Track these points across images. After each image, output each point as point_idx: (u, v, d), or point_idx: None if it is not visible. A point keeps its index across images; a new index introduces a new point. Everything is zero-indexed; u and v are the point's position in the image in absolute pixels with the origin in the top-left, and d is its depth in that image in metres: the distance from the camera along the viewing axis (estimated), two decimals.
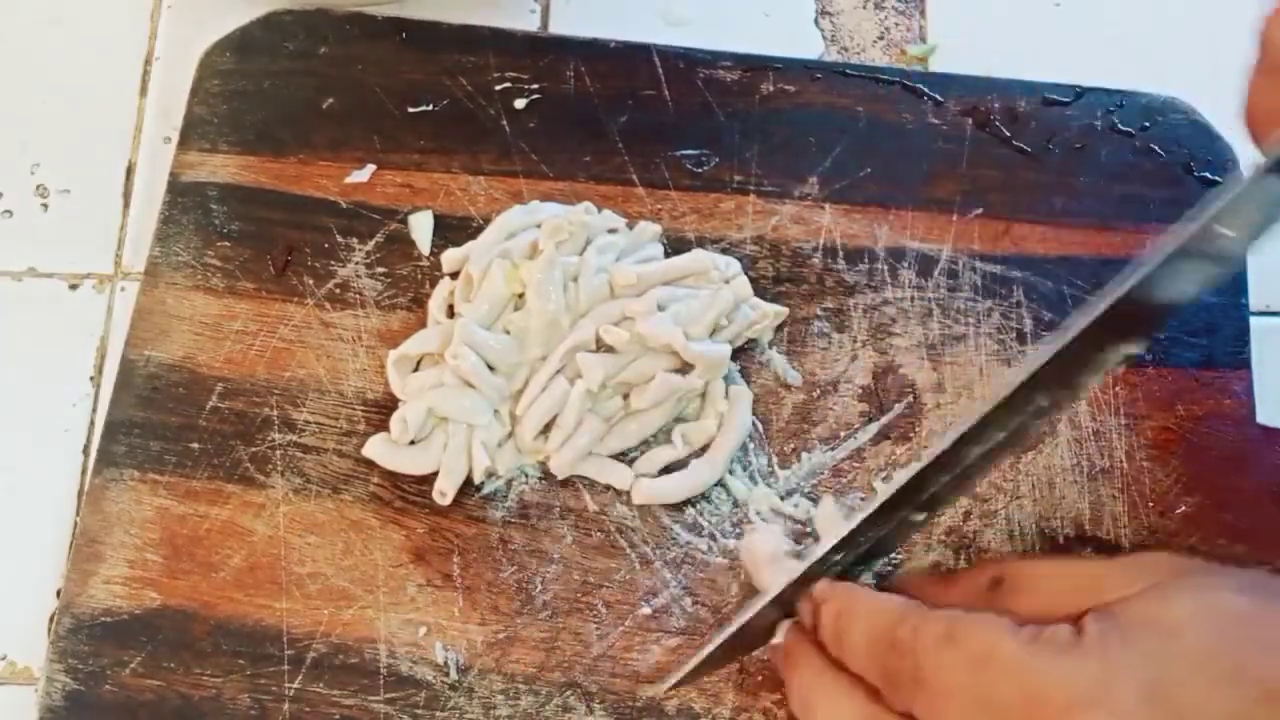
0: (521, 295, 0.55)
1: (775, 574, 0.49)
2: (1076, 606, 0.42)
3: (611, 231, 0.57)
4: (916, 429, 0.55)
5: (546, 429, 0.54)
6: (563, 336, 0.54)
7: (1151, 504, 0.54)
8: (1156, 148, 0.60)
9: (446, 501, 0.53)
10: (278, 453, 0.55)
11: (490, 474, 0.54)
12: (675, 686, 0.49)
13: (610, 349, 0.54)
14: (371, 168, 0.60)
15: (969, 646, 0.41)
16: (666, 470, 0.54)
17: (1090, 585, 0.42)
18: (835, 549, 0.46)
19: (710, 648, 0.47)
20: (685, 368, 0.54)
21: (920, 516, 0.48)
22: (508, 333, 0.55)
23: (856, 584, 0.48)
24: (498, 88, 0.61)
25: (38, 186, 0.62)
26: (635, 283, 0.55)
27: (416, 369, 0.56)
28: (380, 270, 0.58)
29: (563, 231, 0.55)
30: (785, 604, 0.47)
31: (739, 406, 0.55)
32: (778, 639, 0.48)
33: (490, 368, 0.54)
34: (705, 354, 0.54)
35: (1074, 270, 0.58)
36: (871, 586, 0.50)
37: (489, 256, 0.55)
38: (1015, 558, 0.47)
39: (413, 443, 0.54)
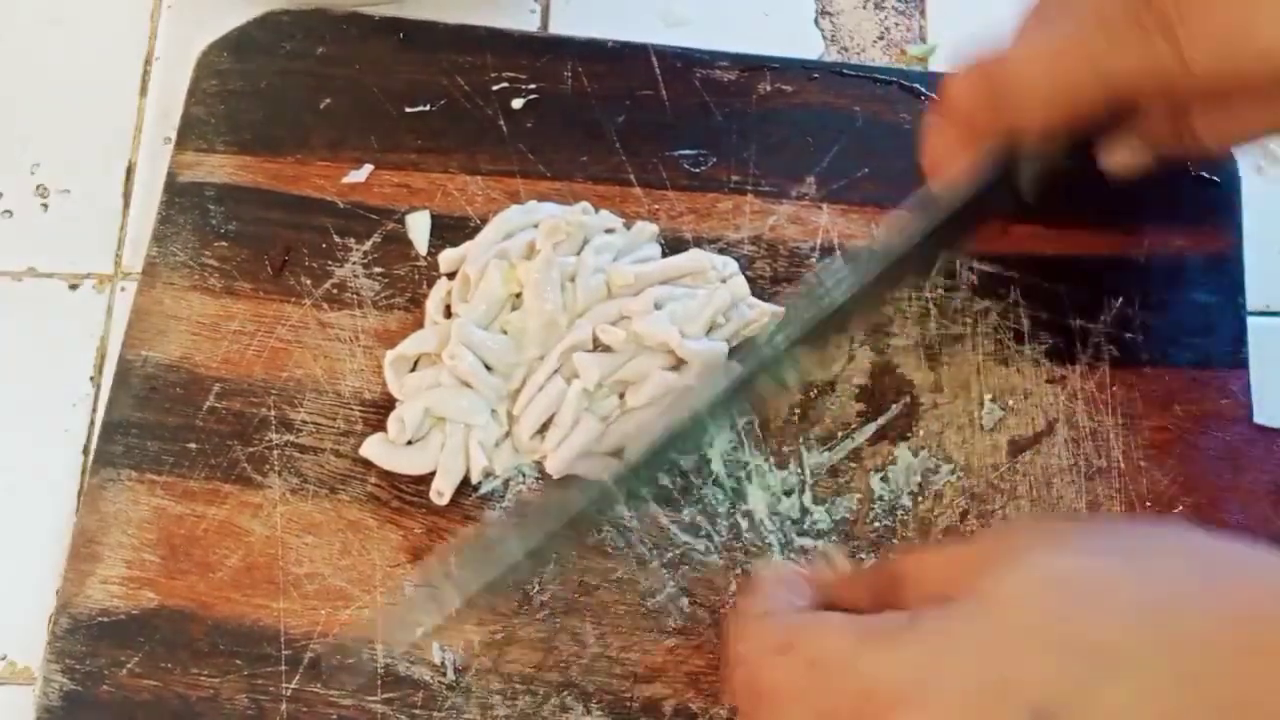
0: (518, 295, 0.55)
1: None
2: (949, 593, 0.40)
3: (609, 231, 0.57)
4: (914, 429, 0.55)
5: (544, 429, 0.54)
6: (560, 336, 0.54)
7: (1148, 504, 0.53)
8: None
9: (444, 501, 0.54)
10: (275, 453, 0.55)
11: (488, 474, 0.54)
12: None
13: (607, 349, 0.54)
14: (369, 168, 0.60)
15: (804, 651, 0.40)
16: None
17: (962, 570, 0.41)
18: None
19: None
20: (681, 365, 0.54)
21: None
22: (505, 333, 0.55)
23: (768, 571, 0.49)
24: (495, 88, 0.61)
25: (38, 186, 0.62)
26: (633, 283, 0.55)
27: (414, 369, 0.56)
28: (377, 270, 0.58)
29: (560, 232, 0.56)
30: None
31: None
32: None
33: (487, 367, 0.54)
34: (701, 352, 0.54)
35: (1071, 270, 0.58)
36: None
37: (486, 256, 0.56)
38: (904, 553, 0.46)
39: (410, 443, 0.54)
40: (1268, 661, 0.35)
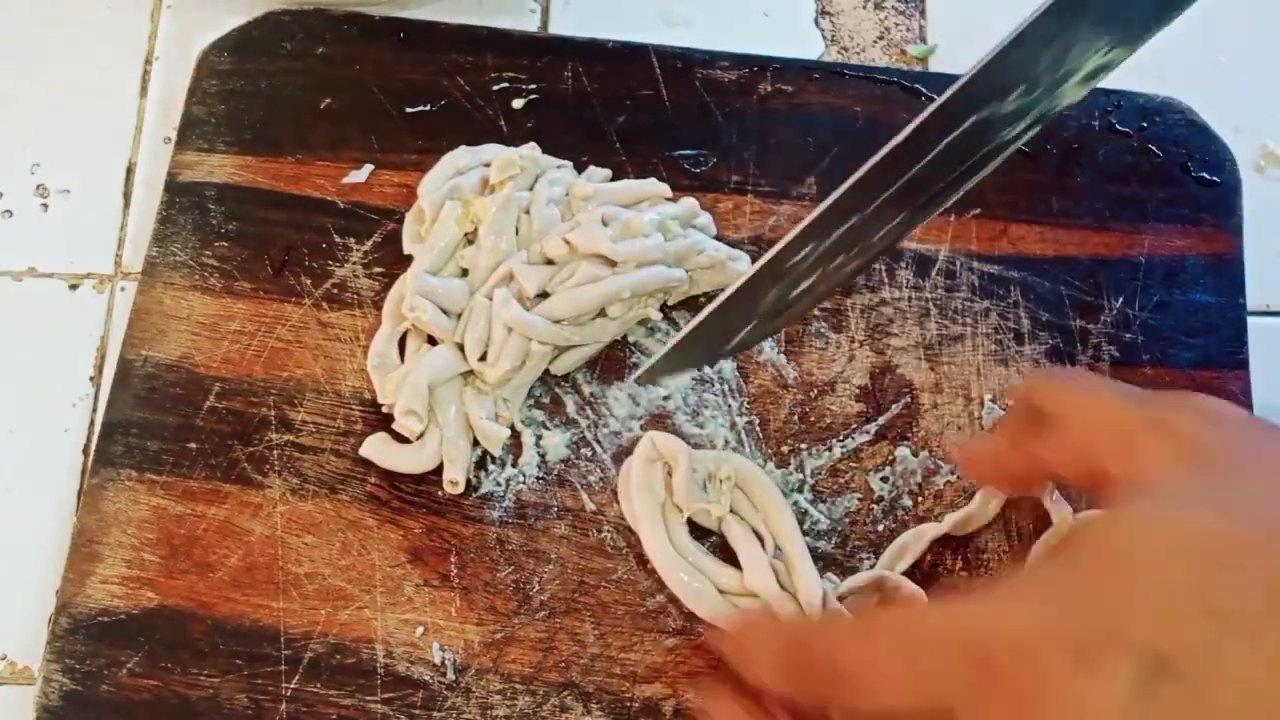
0: (470, 234, 0.56)
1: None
2: (1100, 455, 0.40)
3: (558, 169, 0.59)
4: (914, 429, 0.55)
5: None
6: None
7: None
8: (1154, 148, 0.60)
9: (459, 490, 0.54)
10: (275, 453, 0.55)
11: (504, 444, 0.55)
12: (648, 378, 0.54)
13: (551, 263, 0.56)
14: (369, 168, 0.60)
15: (888, 621, 0.40)
16: None
17: (1118, 436, 0.39)
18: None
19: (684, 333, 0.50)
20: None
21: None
22: (464, 271, 0.56)
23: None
24: (495, 88, 0.61)
25: (38, 186, 0.62)
26: (592, 194, 0.56)
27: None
28: (377, 270, 0.58)
29: (514, 166, 0.57)
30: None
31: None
32: (695, 703, 0.49)
33: (446, 313, 0.55)
34: (629, 251, 0.54)
35: (1071, 270, 0.58)
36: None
37: (440, 194, 0.56)
38: (1060, 384, 0.43)
39: (407, 442, 0.54)
40: None
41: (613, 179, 0.59)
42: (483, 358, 0.54)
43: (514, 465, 0.55)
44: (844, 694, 0.40)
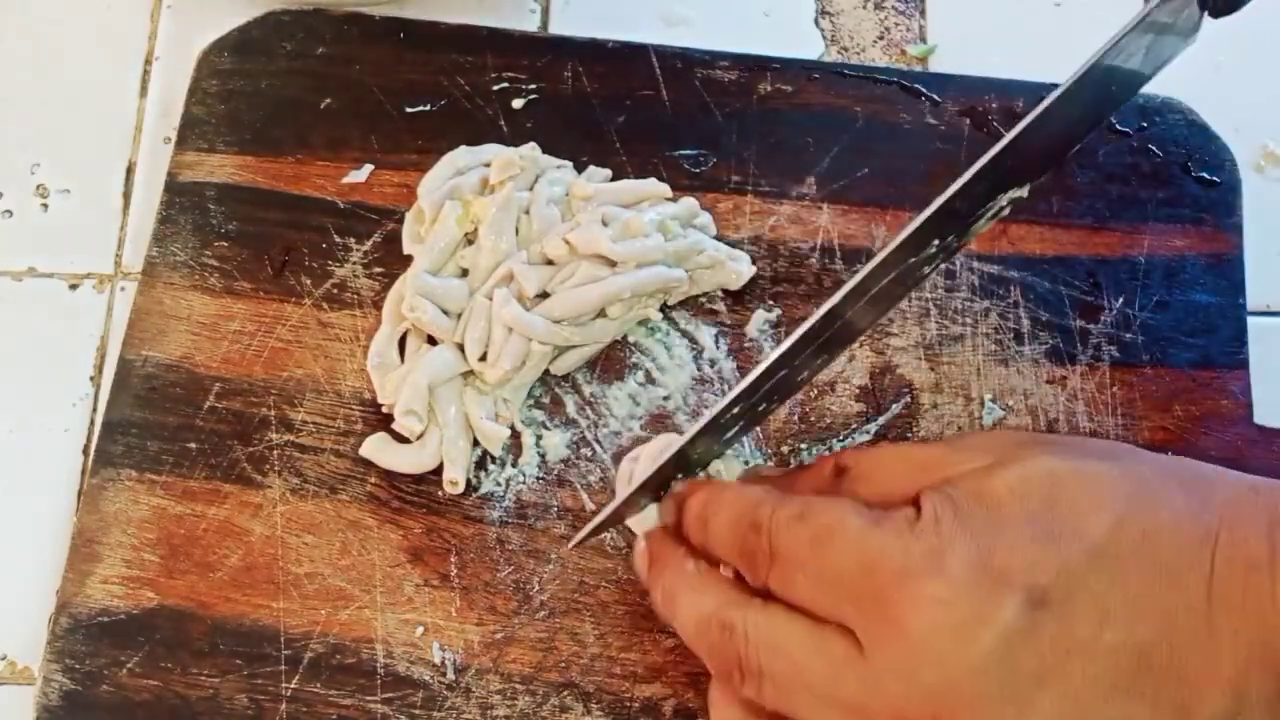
0: (470, 234, 0.56)
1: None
2: (915, 487, 0.43)
3: (558, 169, 0.59)
4: (914, 429, 0.55)
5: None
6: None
7: None
8: (1154, 148, 0.60)
9: (459, 490, 0.54)
10: (275, 453, 0.55)
11: (504, 444, 0.55)
12: (579, 544, 0.52)
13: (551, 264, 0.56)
14: (369, 168, 0.60)
15: (816, 523, 0.43)
16: None
17: (927, 469, 0.44)
18: (734, 402, 0.47)
19: (610, 509, 0.49)
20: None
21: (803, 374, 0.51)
22: (464, 271, 0.56)
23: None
24: (495, 88, 0.61)
25: (38, 186, 0.62)
26: (592, 194, 0.57)
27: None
28: (378, 270, 0.58)
29: (514, 167, 0.57)
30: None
31: None
32: (640, 545, 0.49)
33: (446, 313, 0.55)
34: (629, 251, 0.54)
35: (1071, 270, 0.58)
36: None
37: (440, 194, 0.57)
38: (856, 449, 0.48)
39: (407, 442, 0.54)
40: (1229, 555, 0.39)
41: (613, 179, 0.59)
42: (483, 358, 0.54)
43: (514, 465, 0.55)
44: (774, 576, 0.44)
